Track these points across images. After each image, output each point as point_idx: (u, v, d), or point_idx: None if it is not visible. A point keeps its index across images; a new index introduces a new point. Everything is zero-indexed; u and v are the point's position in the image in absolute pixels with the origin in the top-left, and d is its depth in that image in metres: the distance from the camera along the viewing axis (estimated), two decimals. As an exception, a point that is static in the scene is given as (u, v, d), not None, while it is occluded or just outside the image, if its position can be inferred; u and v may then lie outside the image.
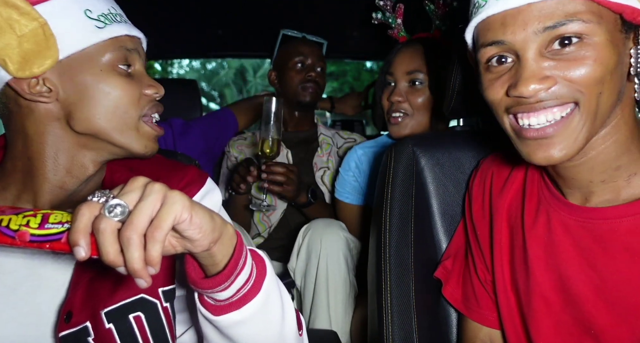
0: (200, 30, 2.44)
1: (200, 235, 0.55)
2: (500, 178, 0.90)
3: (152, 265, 0.51)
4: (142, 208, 0.51)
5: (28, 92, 0.72)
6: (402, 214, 1.00)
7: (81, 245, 0.51)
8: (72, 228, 0.51)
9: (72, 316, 0.73)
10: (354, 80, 10.91)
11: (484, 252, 0.91)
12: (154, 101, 0.81)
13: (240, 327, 0.67)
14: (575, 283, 0.75)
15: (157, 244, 0.51)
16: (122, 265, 0.52)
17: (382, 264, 0.97)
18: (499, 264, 0.87)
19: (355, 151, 1.69)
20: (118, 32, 0.76)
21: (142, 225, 0.51)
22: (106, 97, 0.75)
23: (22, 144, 0.76)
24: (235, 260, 0.62)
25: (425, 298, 0.97)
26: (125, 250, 0.50)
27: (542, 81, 0.66)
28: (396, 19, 1.59)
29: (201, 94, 2.54)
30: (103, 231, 0.50)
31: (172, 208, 0.52)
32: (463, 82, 0.98)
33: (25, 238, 0.53)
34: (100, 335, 0.73)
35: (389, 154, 1.06)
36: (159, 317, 0.77)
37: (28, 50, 0.69)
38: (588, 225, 0.74)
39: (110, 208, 0.51)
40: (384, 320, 0.93)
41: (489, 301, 0.90)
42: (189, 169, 0.88)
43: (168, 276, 0.80)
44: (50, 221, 0.55)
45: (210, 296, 0.65)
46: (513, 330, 0.85)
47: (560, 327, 0.78)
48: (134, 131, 0.78)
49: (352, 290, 1.55)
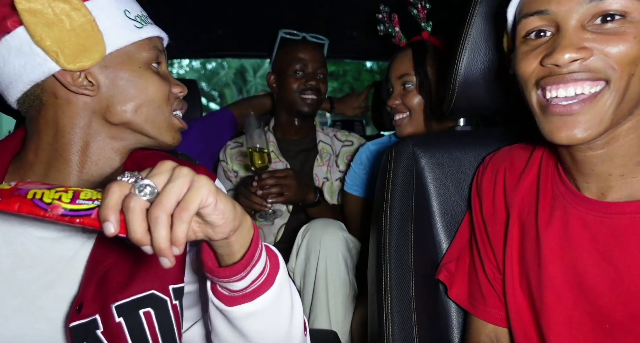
0: (200, 30, 2.44)
1: (223, 221, 0.57)
2: (514, 173, 0.89)
3: (177, 245, 0.52)
4: (171, 189, 0.53)
5: (73, 85, 0.75)
6: (402, 214, 1.00)
7: (111, 220, 0.52)
8: (103, 204, 0.53)
9: (83, 307, 0.74)
10: (354, 80, 10.91)
11: (495, 249, 0.90)
12: (179, 99, 0.87)
13: (251, 319, 0.68)
14: (591, 278, 0.75)
15: (184, 224, 0.52)
16: (148, 244, 0.53)
17: (382, 264, 0.97)
18: (509, 261, 0.86)
19: (367, 146, 1.75)
20: (153, 32, 0.82)
21: (170, 205, 0.52)
22: (143, 92, 0.79)
23: (52, 136, 0.78)
24: (252, 251, 0.64)
25: (425, 298, 0.97)
26: (152, 229, 0.52)
27: (580, 51, 0.66)
28: (394, 28, 1.67)
29: (201, 94, 2.54)
30: (133, 209, 0.52)
31: (199, 191, 0.54)
32: (467, 80, 0.98)
33: (57, 212, 0.55)
34: (109, 329, 0.74)
35: (389, 154, 1.06)
36: (168, 314, 0.78)
37: (78, 44, 0.72)
38: (606, 220, 0.73)
39: (141, 188, 0.53)
40: (384, 320, 0.93)
41: (496, 299, 0.90)
42: (198, 169, 0.89)
43: (179, 274, 0.81)
44: (81, 197, 0.56)
45: (224, 287, 0.66)
46: (521, 328, 0.85)
47: (572, 322, 0.77)
48: (165, 124, 0.83)
49: (351, 290, 1.55)
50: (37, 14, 0.69)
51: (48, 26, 0.70)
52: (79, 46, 0.72)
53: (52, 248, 0.78)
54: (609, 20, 0.65)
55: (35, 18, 0.69)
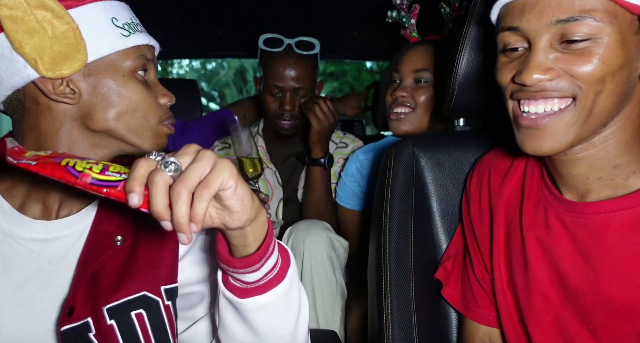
0: (200, 30, 2.44)
1: (241, 207, 0.58)
2: (498, 175, 0.91)
3: (196, 221, 0.54)
4: (195, 168, 0.55)
5: (53, 92, 0.74)
6: (402, 214, 1.00)
7: (136, 191, 0.54)
8: (130, 176, 0.55)
9: (74, 311, 0.73)
10: (354, 80, 10.91)
11: (482, 250, 0.91)
12: (169, 111, 0.86)
13: (262, 312, 0.69)
14: (572, 279, 0.76)
15: (204, 202, 0.54)
16: (167, 219, 0.55)
17: (382, 264, 0.97)
18: (497, 261, 0.87)
19: (357, 155, 1.68)
20: (140, 41, 0.81)
21: (193, 183, 0.54)
22: (126, 101, 0.78)
23: (35, 141, 0.77)
24: (266, 244, 0.64)
25: (425, 298, 0.97)
26: (174, 204, 0.53)
27: (546, 72, 0.68)
28: (410, 19, 1.59)
29: (201, 94, 2.54)
30: (157, 182, 0.54)
31: (221, 173, 0.55)
32: (466, 80, 0.98)
33: (87, 180, 0.57)
34: (101, 331, 0.74)
35: (389, 154, 1.06)
36: (161, 315, 0.78)
37: (59, 52, 0.72)
38: (583, 220, 0.75)
39: (166, 164, 0.55)
40: (384, 320, 0.93)
41: (487, 300, 0.91)
42: None
43: (171, 274, 0.81)
44: (110, 169, 0.59)
45: (237, 278, 0.67)
46: (512, 328, 0.86)
47: (559, 322, 0.78)
48: (150, 133, 0.82)
49: (339, 289, 1.53)
50: (17, 21, 0.69)
51: (28, 33, 0.69)
52: (60, 54, 0.72)
53: (41, 250, 0.78)
54: (575, 40, 0.66)
55: (15, 25, 0.69)
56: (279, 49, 1.70)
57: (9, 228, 0.77)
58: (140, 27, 0.83)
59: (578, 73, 0.67)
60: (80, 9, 0.74)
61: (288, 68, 1.67)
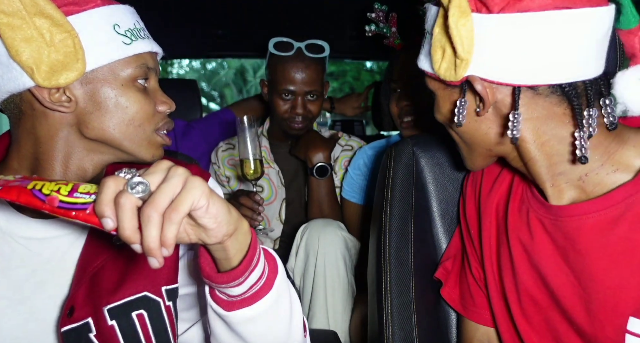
0: (200, 30, 2.44)
1: (215, 225, 0.56)
2: (489, 178, 0.92)
3: (166, 246, 0.52)
4: (164, 188, 0.52)
5: (48, 100, 0.72)
6: (402, 214, 1.00)
7: (108, 215, 0.52)
8: (98, 199, 0.53)
9: (75, 311, 0.73)
10: (354, 80, 10.91)
11: (477, 251, 0.92)
12: (166, 117, 0.83)
13: (250, 323, 0.68)
14: (554, 281, 0.77)
15: (173, 226, 0.52)
16: (137, 242, 0.53)
17: (382, 264, 0.97)
18: (489, 263, 0.88)
19: (365, 151, 1.70)
20: (142, 49, 0.78)
21: (163, 205, 0.52)
22: (124, 110, 0.76)
23: (31, 145, 0.76)
24: (250, 256, 0.63)
25: (425, 298, 0.97)
26: (143, 227, 0.51)
27: None
28: (390, 28, 1.58)
29: (201, 94, 2.54)
30: (124, 205, 0.51)
31: (191, 193, 0.53)
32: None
33: (54, 203, 0.55)
34: (102, 332, 0.74)
35: (389, 154, 1.06)
36: (162, 315, 0.78)
37: (56, 60, 0.70)
38: (559, 223, 0.75)
39: (133, 185, 0.52)
40: (384, 320, 0.93)
41: (484, 300, 0.91)
42: (191, 168, 0.88)
43: (171, 274, 0.80)
44: (80, 190, 0.56)
45: (222, 292, 0.66)
46: (506, 328, 0.86)
47: (549, 323, 0.79)
48: (146, 141, 0.80)
49: (350, 289, 1.54)
50: (15, 29, 0.67)
51: (26, 41, 0.68)
52: (58, 63, 0.70)
53: (39, 249, 0.77)
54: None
55: (13, 32, 0.67)
56: (289, 53, 1.68)
57: (7, 227, 0.76)
58: (144, 33, 0.80)
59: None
60: (82, 15, 0.72)
61: (299, 72, 1.66)
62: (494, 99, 0.71)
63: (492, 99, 0.70)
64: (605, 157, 0.71)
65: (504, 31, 0.65)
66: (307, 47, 1.69)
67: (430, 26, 0.73)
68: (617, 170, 0.71)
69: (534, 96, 0.69)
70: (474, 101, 0.73)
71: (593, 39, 0.66)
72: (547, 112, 0.70)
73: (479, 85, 0.69)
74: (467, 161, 0.84)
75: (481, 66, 0.68)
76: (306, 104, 1.71)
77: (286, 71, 1.67)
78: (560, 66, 0.66)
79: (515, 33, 0.65)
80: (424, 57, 0.77)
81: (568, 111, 0.69)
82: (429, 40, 0.74)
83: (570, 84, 0.67)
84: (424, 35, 0.77)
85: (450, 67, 0.70)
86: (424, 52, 0.77)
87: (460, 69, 0.69)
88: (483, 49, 0.67)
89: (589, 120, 0.66)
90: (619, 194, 0.69)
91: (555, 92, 0.68)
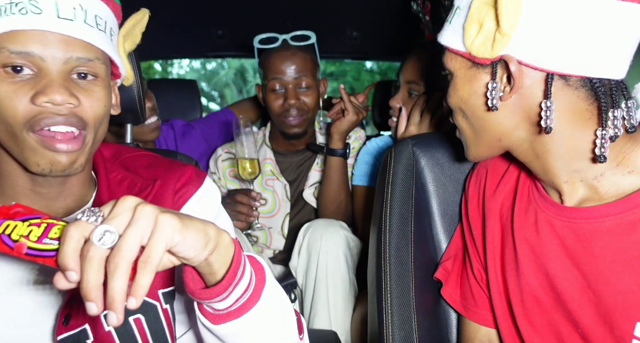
0: (200, 31, 2.44)
1: (195, 253, 0.54)
2: (494, 178, 0.91)
3: (136, 296, 0.48)
4: (131, 234, 0.48)
5: None
6: (402, 214, 1.00)
7: (72, 268, 0.48)
8: (60, 251, 0.49)
9: (71, 319, 0.72)
10: (354, 80, 10.90)
11: (479, 252, 0.92)
12: (50, 112, 0.66)
13: (239, 335, 0.66)
14: (561, 283, 0.76)
15: (148, 274, 0.48)
16: (93, 301, 0.47)
17: (382, 264, 0.97)
18: (492, 264, 0.87)
19: (375, 142, 1.72)
20: (7, 26, 0.63)
21: (132, 253, 0.48)
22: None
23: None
24: (233, 270, 0.61)
25: (425, 298, 0.97)
26: (109, 278, 0.47)
27: None
28: (425, 16, 1.56)
29: (201, 94, 2.54)
30: (90, 259, 0.47)
31: (162, 234, 0.49)
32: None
33: (21, 250, 0.53)
34: (99, 338, 0.73)
35: (389, 154, 1.06)
36: (159, 319, 0.77)
37: None
38: (572, 225, 0.74)
39: (99, 236, 0.48)
40: (384, 320, 0.93)
41: (486, 300, 0.91)
42: (187, 168, 0.86)
43: (168, 277, 0.80)
44: (50, 235, 0.54)
45: (209, 305, 0.64)
46: (507, 329, 0.86)
47: (552, 325, 0.78)
48: (23, 146, 0.67)
49: (351, 288, 1.55)
50: None
51: None
52: None
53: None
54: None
55: None
56: (274, 45, 1.70)
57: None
58: (25, 7, 0.62)
59: None
60: None
61: (286, 61, 1.66)
62: (522, 84, 0.68)
63: (520, 84, 0.68)
64: (620, 157, 0.70)
65: (554, 11, 0.62)
66: (292, 38, 1.70)
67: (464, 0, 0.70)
68: (632, 171, 0.70)
69: (563, 86, 0.67)
70: (500, 84, 0.70)
71: (634, 38, 0.64)
72: (572, 106, 0.68)
73: (513, 66, 0.66)
74: (469, 150, 0.81)
75: (520, 46, 0.65)
76: (298, 95, 1.69)
77: (273, 62, 1.67)
78: (598, 59, 0.64)
79: (564, 15, 0.62)
80: (450, 33, 0.73)
81: (592, 107, 0.68)
82: (459, 14, 0.70)
83: (600, 80, 0.66)
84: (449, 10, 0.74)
85: (485, 43, 0.67)
86: (449, 27, 0.73)
87: (498, 45, 0.65)
88: (527, 27, 0.63)
89: (614, 121, 0.65)
90: (637, 198, 0.68)
91: (585, 85, 0.66)
